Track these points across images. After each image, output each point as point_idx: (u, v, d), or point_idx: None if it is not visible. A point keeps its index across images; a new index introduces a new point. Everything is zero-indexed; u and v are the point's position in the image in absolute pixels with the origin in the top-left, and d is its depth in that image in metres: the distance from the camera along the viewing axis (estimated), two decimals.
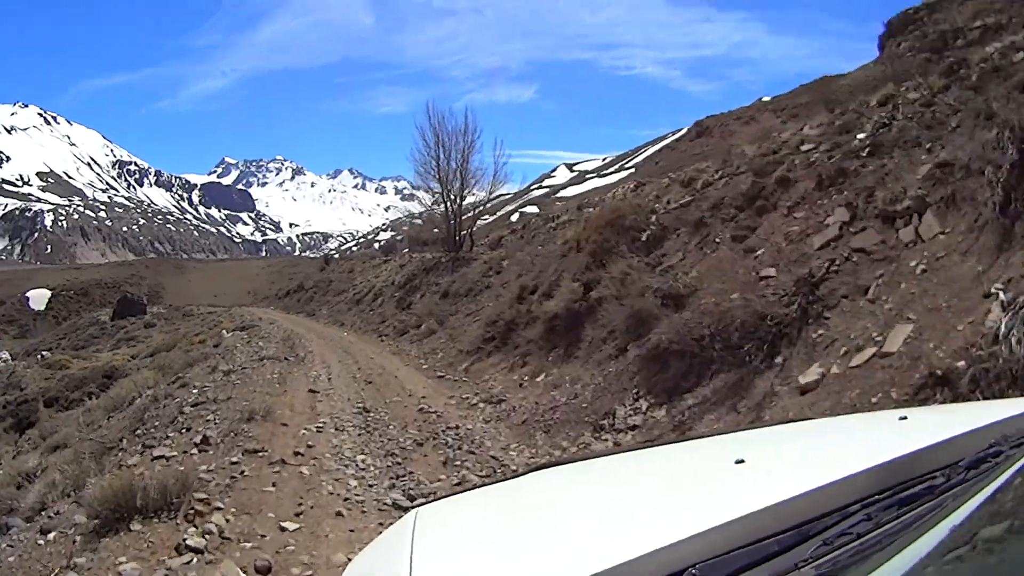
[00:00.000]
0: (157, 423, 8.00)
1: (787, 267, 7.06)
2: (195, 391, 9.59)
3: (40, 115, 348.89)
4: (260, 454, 6.34)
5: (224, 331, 23.34)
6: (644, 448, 2.07)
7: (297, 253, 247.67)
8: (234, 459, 6.11)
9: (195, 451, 6.42)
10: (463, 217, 25.58)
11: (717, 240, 9.08)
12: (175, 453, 6.40)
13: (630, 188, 19.16)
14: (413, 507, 1.79)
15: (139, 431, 7.92)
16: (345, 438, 7.35)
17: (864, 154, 7.73)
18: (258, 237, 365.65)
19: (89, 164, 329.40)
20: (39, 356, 33.28)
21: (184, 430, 7.30)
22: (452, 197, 25.60)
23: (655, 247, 10.39)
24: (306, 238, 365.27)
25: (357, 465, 6.38)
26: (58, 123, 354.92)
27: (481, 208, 27.02)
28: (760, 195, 8.89)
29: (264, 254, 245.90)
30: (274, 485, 5.64)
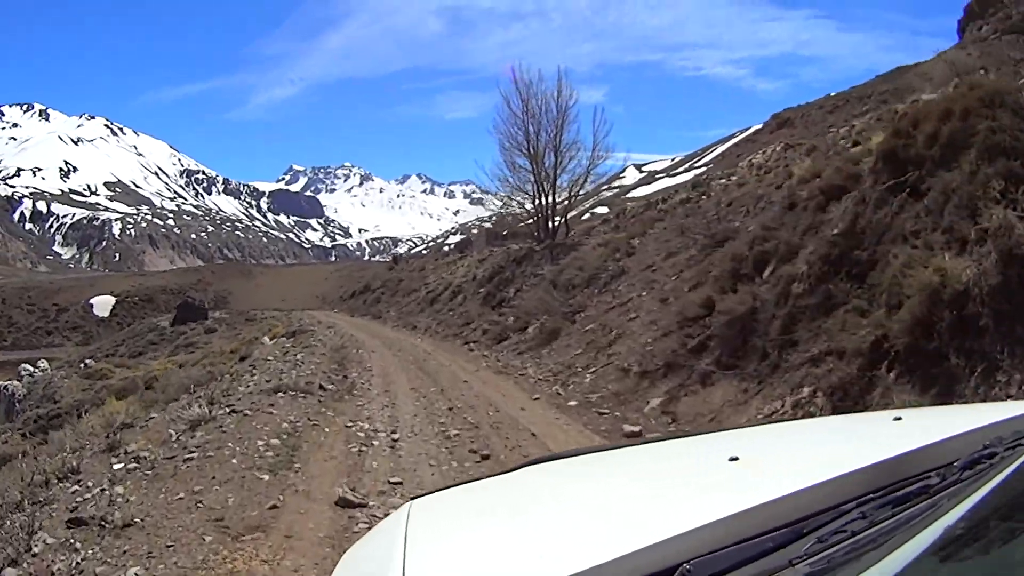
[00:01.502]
0: None
1: None
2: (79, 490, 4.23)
3: (107, 126, 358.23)
4: None
5: (266, 338, 18.56)
6: (638, 444, 2.15)
7: (367, 258, 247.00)
8: None
9: None
10: (557, 200, 21.42)
11: None
12: None
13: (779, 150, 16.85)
14: (407, 500, 1.57)
15: None
16: None
17: None
18: (327, 243, 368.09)
19: (156, 173, 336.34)
20: (82, 364, 31.45)
21: None
22: (544, 175, 21.03)
23: None
24: (375, 243, 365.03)
25: None
26: (124, 134, 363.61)
27: (580, 188, 21.69)
28: None
29: (334, 259, 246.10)
30: None
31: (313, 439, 5.97)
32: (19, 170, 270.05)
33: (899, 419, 1.60)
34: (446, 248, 57.26)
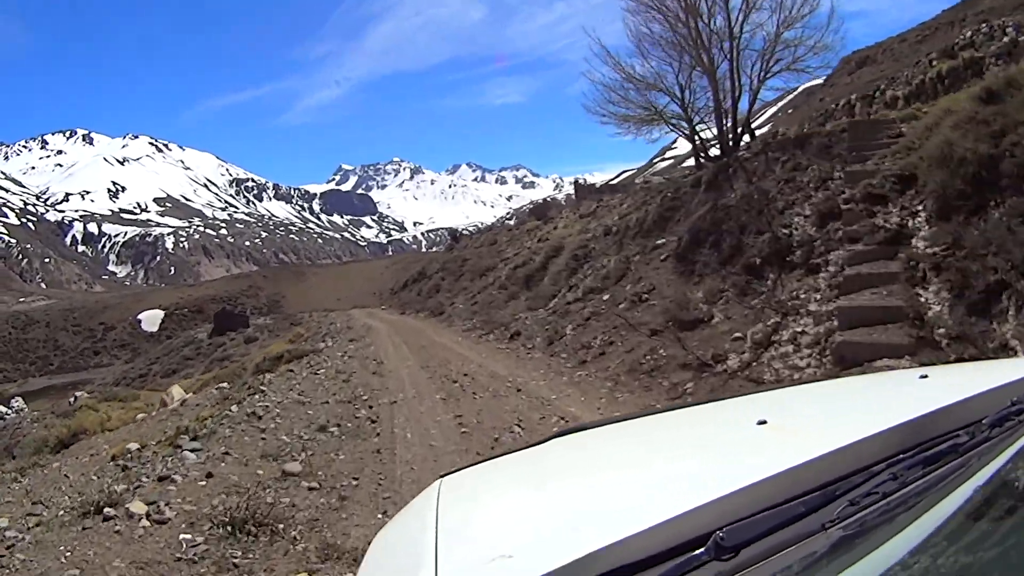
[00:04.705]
0: None
1: None
2: None
3: (151, 144, 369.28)
4: None
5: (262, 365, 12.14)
6: (665, 411, 1.96)
7: (423, 250, 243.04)
8: None
9: None
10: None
11: None
12: None
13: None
14: (438, 476, 1.55)
15: None
16: None
17: None
18: (383, 239, 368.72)
19: (205, 185, 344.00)
20: (72, 398, 26.18)
21: None
22: (712, 39, 13.17)
23: None
24: (431, 235, 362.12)
25: None
26: (170, 149, 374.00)
27: (769, 67, 13.46)
28: None
29: (390, 254, 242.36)
30: None
31: None
32: (67, 195, 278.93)
33: (925, 377, 1.59)
34: (511, 222, 50.10)
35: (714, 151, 14.87)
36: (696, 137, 14.56)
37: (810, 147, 10.63)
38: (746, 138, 14.12)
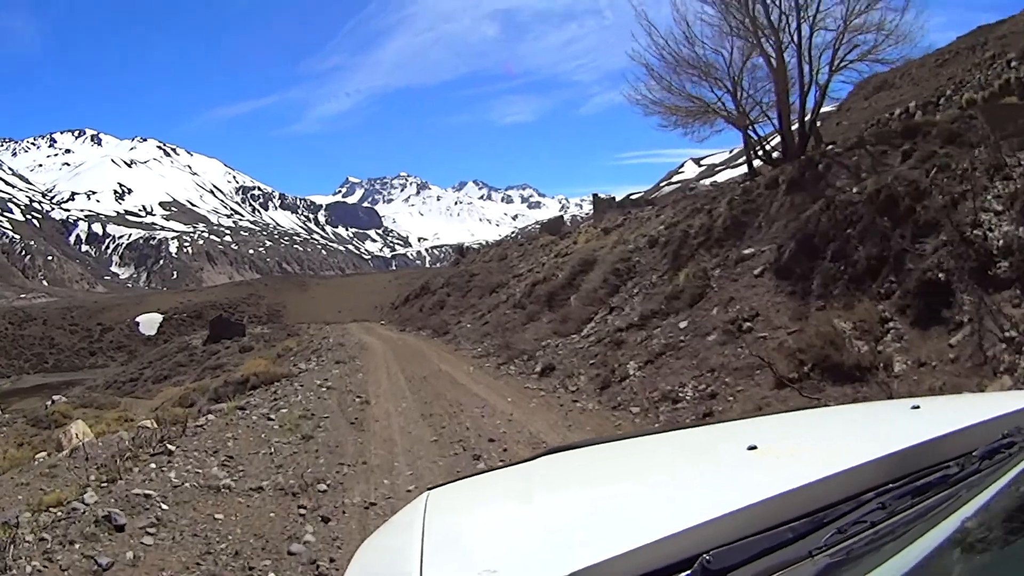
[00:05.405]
0: None
1: None
2: None
3: (159, 147, 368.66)
4: None
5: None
6: (656, 433, 2.02)
7: (427, 266, 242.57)
8: None
9: None
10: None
11: None
12: None
13: None
14: (425, 490, 1.53)
15: None
16: None
17: None
18: (387, 253, 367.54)
19: (212, 191, 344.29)
20: (50, 401, 26.02)
21: None
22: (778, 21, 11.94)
23: None
24: (435, 251, 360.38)
25: None
26: (177, 154, 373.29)
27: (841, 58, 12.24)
28: None
29: (394, 268, 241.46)
30: None
31: None
32: (73, 194, 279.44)
33: (917, 407, 1.58)
34: (518, 238, 49.44)
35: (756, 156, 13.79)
36: (753, 133, 13.41)
37: (930, 136, 8.80)
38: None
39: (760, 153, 13.64)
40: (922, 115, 14.76)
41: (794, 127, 12.62)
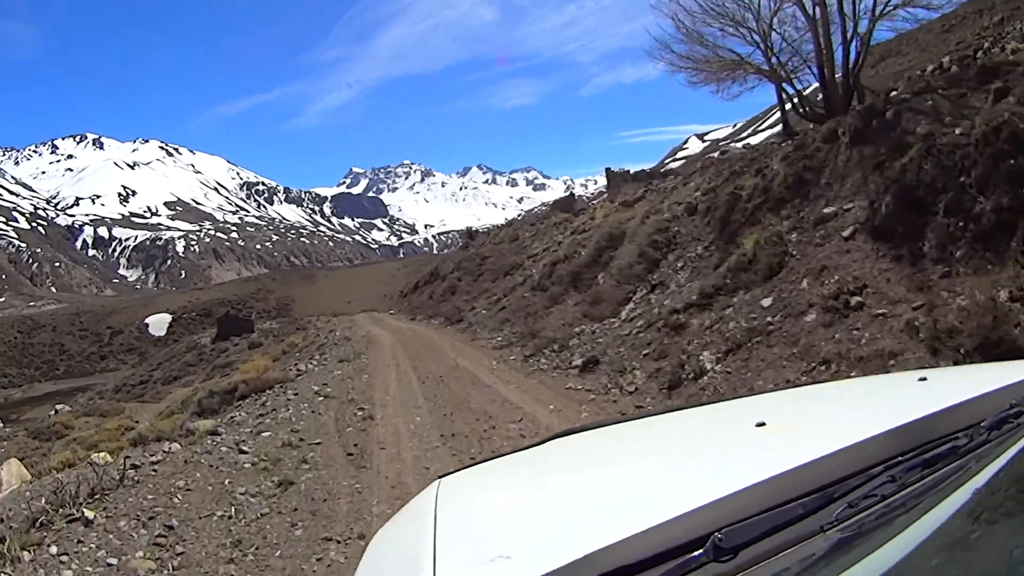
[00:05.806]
0: None
1: None
2: None
3: (161, 148, 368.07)
4: None
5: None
6: (664, 413, 1.97)
7: (435, 253, 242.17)
8: None
9: None
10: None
11: None
12: None
13: None
14: (437, 477, 1.49)
15: None
16: None
17: None
18: (394, 241, 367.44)
19: (216, 189, 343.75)
20: (53, 411, 26.66)
21: None
22: None
23: None
24: (442, 237, 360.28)
25: None
26: (180, 154, 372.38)
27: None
28: None
29: (401, 256, 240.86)
30: None
31: None
32: (78, 199, 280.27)
33: (924, 379, 1.56)
34: (528, 218, 48.29)
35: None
36: (791, 87, 12.32)
37: (1015, 74, 7.40)
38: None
39: (802, 109, 12.36)
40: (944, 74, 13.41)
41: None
